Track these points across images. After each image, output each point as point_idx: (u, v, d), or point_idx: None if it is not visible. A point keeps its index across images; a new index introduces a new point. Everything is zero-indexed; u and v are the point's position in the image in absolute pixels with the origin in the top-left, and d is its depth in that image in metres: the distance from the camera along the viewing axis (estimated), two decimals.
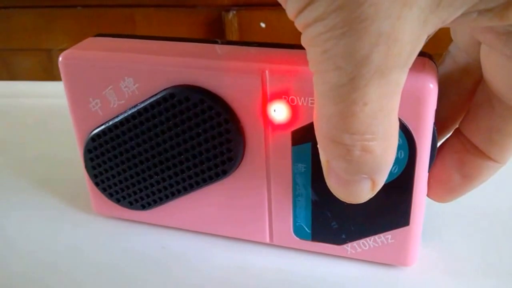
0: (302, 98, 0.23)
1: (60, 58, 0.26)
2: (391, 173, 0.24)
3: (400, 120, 0.22)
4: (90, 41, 0.28)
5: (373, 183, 0.19)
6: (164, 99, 0.25)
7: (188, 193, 0.27)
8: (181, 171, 0.27)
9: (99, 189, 0.29)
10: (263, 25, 0.44)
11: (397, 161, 0.23)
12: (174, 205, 0.28)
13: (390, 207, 0.24)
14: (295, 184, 0.25)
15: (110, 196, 0.29)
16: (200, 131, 0.25)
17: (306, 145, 0.24)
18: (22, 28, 0.52)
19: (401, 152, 0.23)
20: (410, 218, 0.24)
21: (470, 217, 0.30)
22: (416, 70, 0.22)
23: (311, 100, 0.23)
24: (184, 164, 0.26)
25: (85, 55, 0.26)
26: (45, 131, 0.42)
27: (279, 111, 0.24)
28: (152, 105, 0.25)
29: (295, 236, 0.27)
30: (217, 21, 0.47)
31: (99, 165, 0.28)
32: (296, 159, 0.25)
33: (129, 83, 0.26)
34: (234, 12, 0.47)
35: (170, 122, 0.25)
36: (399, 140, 0.23)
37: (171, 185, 0.27)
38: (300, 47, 0.25)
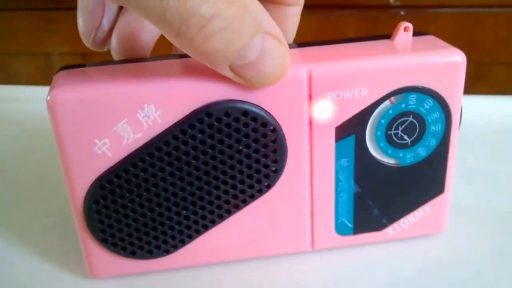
0: (348, 91, 0.23)
1: (49, 102, 0.21)
2: (429, 146, 0.25)
3: (437, 93, 0.24)
4: (66, 76, 0.23)
5: (270, 34, 0.20)
6: (199, 120, 0.22)
7: (223, 221, 0.25)
8: (217, 197, 0.24)
9: (106, 246, 0.25)
10: None
11: (434, 133, 0.25)
12: (204, 239, 0.25)
13: (429, 179, 0.26)
14: (337, 180, 0.25)
15: (123, 250, 0.25)
16: (241, 147, 0.23)
17: (350, 138, 0.24)
18: (21, 31, 0.48)
19: (438, 125, 0.25)
20: (445, 185, 0.26)
21: None
22: (442, 46, 0.24)
23: (356, 91, 0.23)
24: (220, 189, 0.24)
25: (87, 90, 0.22)
26: (46, 136, 0.37)
27: (323, 109, 0.23)
28: (183, 131, 0.22)
29: (337, 235, 0.26)
30: None
31: (109, 217, 0.24)
32: (339, 154, 0.24)
33: (149, 111, 0.22)
34: None
35: (206, 145, 0.23)
36: (436, 114, 0.24)
37: (204, 217, 0.25)
38: (329, 42, 0.25)
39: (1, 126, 0.43)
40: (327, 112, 0.23)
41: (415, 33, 0.25)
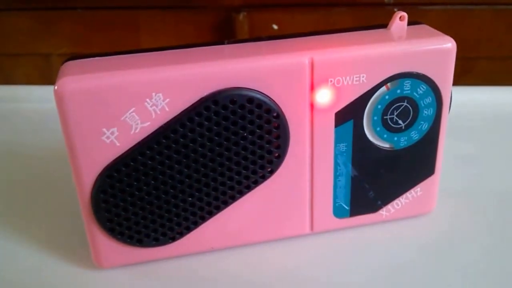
0: (348, 77, 0.24)
1: (57, 91, 0.22)
2: (421, 130, 0.26)
3: (430, 79, 0.25)
4: (74, 65, 0.23)
5: None
6: (206, 108, 0.23)
7: (227, 207, 0.25)
8: (222, 183, 0.25)
9: (113, 235, 0.25)
10: (275, 27, 0.42)
11: (427, 117, 0.26)
12: (208, 226, 0.26)
13: (420, 161, 0.27)
14: (336, 165, 0.26)
15: (130, 239, 0.25)
16: (246, 133, 0.24)
17: (348, 123, 0.25)
18: (19, 31, 0.47)
19: (430, 109, 0.26)
20: (436, 166, 0.27)
21: None
22: (434, 34, 0.25)
23: (356, 77, 0.24)
24: (225, 176, 0.24)
25: (95, 79, 0.22)
26: (45, 134, 0.40)
27: (324, 96, 0.24)
28: (190, 118, 0.23)
29: (335, 218, 0.27)
30: (226, 23, 0.43)
31: (117, 206, 0.24)
32: (338, 139, 0.25)
33: (157, 99, 0.23)
34: (245, 13, 0.44)
35: (212, 132, 0.23)
36: (428, 98, 0.26)
37: (209, 203, 0.25)
38: (329, 32, 0.26)
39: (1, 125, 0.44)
40: (328, 98, 0.24)
41: (410, 23, 0.26)
